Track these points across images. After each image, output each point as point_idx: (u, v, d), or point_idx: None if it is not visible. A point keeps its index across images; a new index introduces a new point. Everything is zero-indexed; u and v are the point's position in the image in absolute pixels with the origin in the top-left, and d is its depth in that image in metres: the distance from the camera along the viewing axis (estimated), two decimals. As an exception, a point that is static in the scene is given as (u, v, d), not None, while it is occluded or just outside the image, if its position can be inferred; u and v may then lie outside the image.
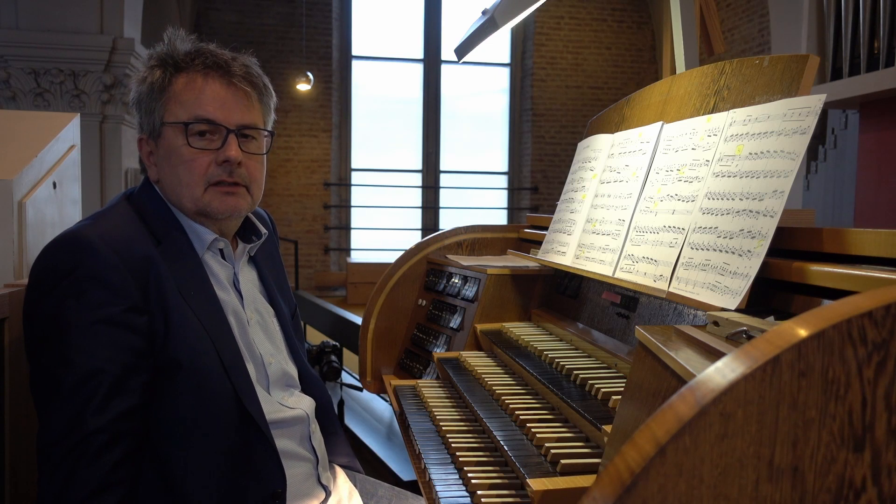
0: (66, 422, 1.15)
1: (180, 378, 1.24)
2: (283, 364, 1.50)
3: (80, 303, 1.17)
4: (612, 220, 1.61)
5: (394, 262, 2.35)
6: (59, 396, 1.15)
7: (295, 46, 10.26)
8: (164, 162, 1.34)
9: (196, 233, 1.37)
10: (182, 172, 1.31)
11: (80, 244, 1.20)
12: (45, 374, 1.19)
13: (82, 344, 1.16)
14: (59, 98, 5.45)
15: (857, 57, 5.03)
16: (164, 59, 1.33)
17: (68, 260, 1.19)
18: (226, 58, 1.35)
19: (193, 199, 1.32)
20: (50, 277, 1.20)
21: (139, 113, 1.36)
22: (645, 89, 1.76)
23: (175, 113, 1.30)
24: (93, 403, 1.15)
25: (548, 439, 1.26)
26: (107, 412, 1.16)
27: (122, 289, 1.20)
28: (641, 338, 1.00)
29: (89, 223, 1.26)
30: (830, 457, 0.60)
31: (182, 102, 1.30)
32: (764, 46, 8.06)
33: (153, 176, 1.38)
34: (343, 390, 4.16)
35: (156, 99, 1.32)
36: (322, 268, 10.69)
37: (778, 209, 1.11)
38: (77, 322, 1.17)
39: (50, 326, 1.19)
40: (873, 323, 0.60)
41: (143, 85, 1.35)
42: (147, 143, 1.37)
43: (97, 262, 1.19)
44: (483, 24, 2.23)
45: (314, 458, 1.49)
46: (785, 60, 1.27)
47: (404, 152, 11.20)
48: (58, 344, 1.17)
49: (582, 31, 10.99)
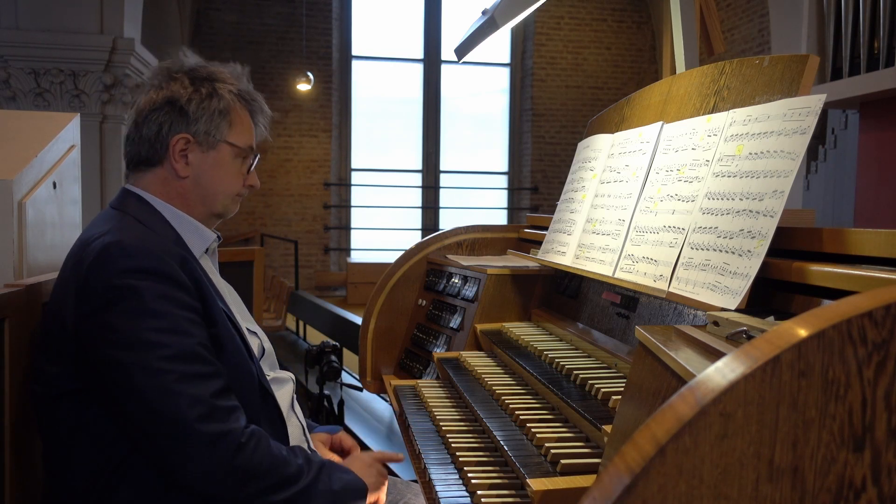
0: (189, 398, 1.22)
1: (223, 360, 1.33)
2: (261, 339, 1.59)
3: (153, 296, 1.25)
4: (612, 220, 1.61)
5: (394, 262, 2.35)
6: (170, 379, 1.22)
7: (295, 46, 10.26)
8: (208, 168, 1.47)
9: (199, 233, 1.47)
10: (226, 183, 1.50)
11: (129, 248, 1.27)
12: (143, 370, 1.22)
13: (171, 327, 1.24)
14: (59, 98, 5.45)
15: (857, 57, 5.03)
16: (241, 92, 1.52)
17: (126, 263, 1.26)
18: (262, 101, 1.59)
19: (223, 204, 1.52)
20: (114, 282, 1.25)
21: (194, 118, 1.44)
22: (645, 89, 1.76)
23: (236, 136, 1.49)
24: (205, 372, 1.26)
25: (548, 439, 1.26)
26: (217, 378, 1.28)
27: (179, 279, 1.29)
28: (641, 338, 1.00)
29: (117, 234, 1.31)
30: (830, 457, 0.60)
31: (242, 131, 1.51)
32: (764, 46, 8.06)
33: (184, 172, 1.45)
34: (343, 390, 4.16)
35: (222, 116, 1.46)
36: (322, 268, 10.69)
37: (778, 209, 1.11)
38: (159, 312, 1.24)
39: (131, 326, 1.23)
40: (873, 323, 0.60)
41: (214, 99, 1.46)
42: (189, 144, 1.44)
43: (152, 260, 1.27)
44: (483, 24, 2.23)
45: (301, 423, 1.56)
46: (785, 60, 1.27)
47: (404, 152, 11.21)
48: (148, 336, 1.23)
49: (582, 31, 10.99)
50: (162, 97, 1.44)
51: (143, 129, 1.44)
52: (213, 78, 1.48)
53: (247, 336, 1.46)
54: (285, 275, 9.22)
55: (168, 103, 1.43)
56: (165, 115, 1.43)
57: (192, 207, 1.47)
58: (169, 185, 1.45)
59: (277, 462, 1.29)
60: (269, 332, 7.02)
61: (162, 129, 1.43)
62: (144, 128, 1.44)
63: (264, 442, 1.29)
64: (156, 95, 1.44)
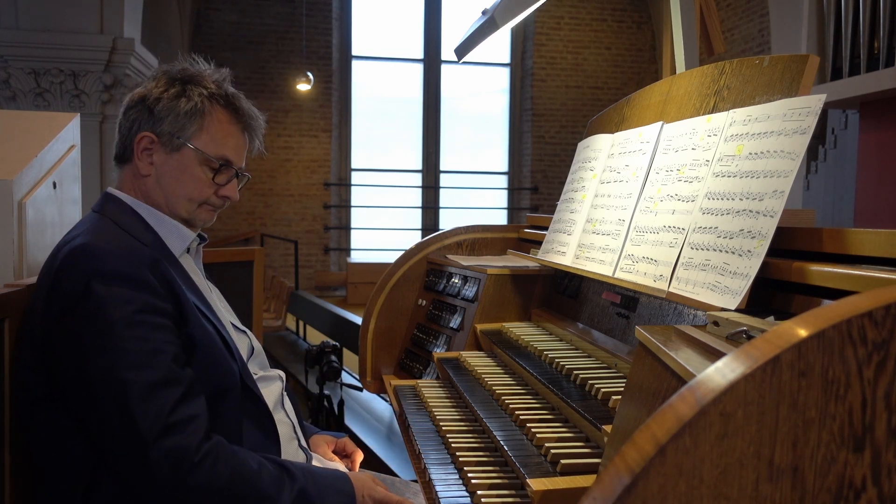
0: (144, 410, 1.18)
1: (196, 360, 1.31)
2: (250, 339, 1.58)
3: (116, 301, 1.22)
4: (612, 220, 1.61)
5: (394, 262, 2.35)
6: (128, 389, 1.19)
7: (295, 46, 10.26)
8: (170, 170, 1.43)
9: (179, 232, 1.45)
10: (188, 189, 1.44)
11: (97, 251, 1.25)
12: (101, 377, 1.20)
13: (133, 334, 1.22)
14: (59, 98, 5.45)
15: (857, 57, 5.02)
16: (218, 92, 1.45)
17: (91, 266, 1.24)
18: (258, 118, 1.52)
19: (187, 210, 1.45)
20: (78, 286, 1.23)
21: (159, 116, 1.41)
22: (645, 89, 1.76)
23: (204, 142, 1.42)
24: (164, 379, 1.21)
25: (548, 439, 1.26)
26: (178, 385, 1.23)
27: (146, 281, 1.27)
28: (641, 338, 1.00)
29: (88, 237, 1.29)
30: (830, 457, 0.60)
31: (213, 136, 1.43)
32: (764, 46, 8.06)
33: (145, 171, 1.43)
34: (343, 390, 4.16)
35: (190, 118, 1.42)
36: (322, 268, 10.69)
37: (778, 209, 1.11)
38: (120, 318, 1.21)
39: (91, 331, 1.21)
40: (873, 323, 0.60)
41: (182, 99, 1.42)
42: (153, 143, 1.42)
43: (119, 263, 1.25)
44: (483, 24, 2.23)
45: (290, 421, 1.55)
46: (785, 60, 1.27)
47: (404, 152, 11.21)
48: (108, 342, 1.21)
49: (582, 31, 10.99)
50: (138, 95, 1.45)
51: (122, 126, 1.45)
52: (189, 80, 1.45)
53: (231, 334, 1.44)
54: (285, 275, 9.22)
55: (140, 101, 1.43)
56: (137, 112, 1.43)
57: (159, 207, 1.44)
58: (136, 182, 1.45)
59: (242, 477, 1.23)
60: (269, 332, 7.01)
61: (133, 126, 1.43)
62: (122, 125, 1.46)
63: (223, 458, 1.22)
64: (136, 94, 1.45)
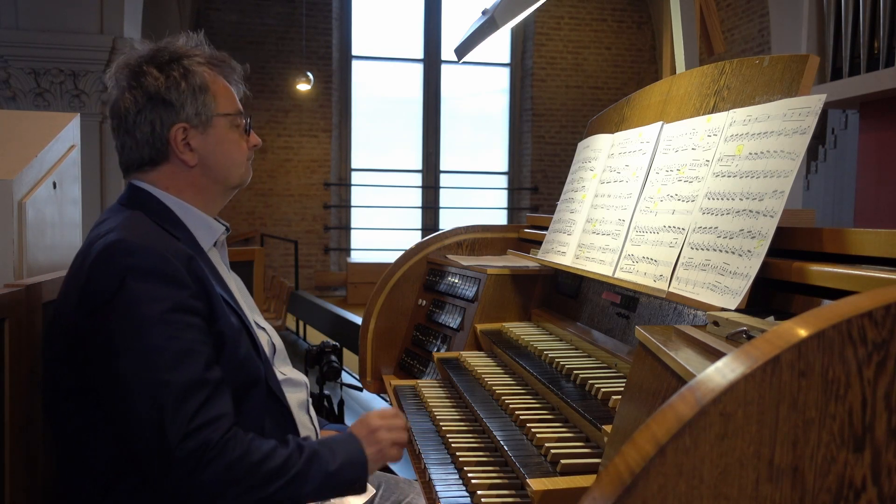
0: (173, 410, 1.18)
1: (224, 357, 1.31)
2: (270, 336, 1.56)
3: (151, 298, 1.23)
4: (612, 220, 1.61)
5: (394, 262, 2.35)
6: (161, 387, 1.19)
7: (295, 46, 10.26)
8: (212, 147, 1.45)
9: (208, 225, 1.45)
10: (234, 154, 1.49)
11: (133, 247, 1.26)
12: (133, 375, 1.20)
13: (166, 333, 1.22)
14: (59, 98, 5.45)
15: (857, 57, 5.02)
16: (210, 58, 1.48)
17: (127, 263, 1.24)
18: (237, 66, 1.54)
19: (240, 175, 1.51)
20: (113, 282, 1.23)
21: (180, 104, 1.41)
22: (645, 89, 1.76)
23: (222, 105, 1.46)
24: (195, 380, 1.22)
25: (548, 439, 1.26)
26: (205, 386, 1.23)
27: (181, 279, 1.27)
28: (641, 338, 1.00)
29: (123, 233, 1.29)
30: (830, 457, 0.60)
31: (223, 97, 1.47)
32: (764, 46, 8.06)
33: (192, 161, 1.43)
34: (343, 390, 4.16)
35: (204, 91, 1.43)
36: (322, 268, 10.69)
37: (778, 209, 1.11)
38: (154, 316, 1.22)
39: (125, 328, 1.22)
40: (873, 323, 0.60)
41: (188, 80, 1.42)
42: (188, 132, 1.42)
43: (155, 260, 1.26)
44: (483, 24, 2.23)
45: (313, 428, 1.53)
46: (785, 60, 1.27)
47: (404, 152, 11.20)
48: (141, 341, 1.21)
49: (582, 31, 10.99)
50: (141, 96, 1.40)
51: (137, 133, 1.41)
52: (179, 56, 1.44)
53: (255, 332, 1.44)
54: (285, 275, 9.22)
55: (149, 100, 1.40)
56: (152, 111, 1.40)
57: (207, 192, 1.45)
58: (179, 177, 1.43)
59: (258, 460, 1.24)
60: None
61: (155, 127, 1.40)
62: (137, 131, 1.40)
63: (239, 445, 1.23)
64: (132, 96, 1.40)
